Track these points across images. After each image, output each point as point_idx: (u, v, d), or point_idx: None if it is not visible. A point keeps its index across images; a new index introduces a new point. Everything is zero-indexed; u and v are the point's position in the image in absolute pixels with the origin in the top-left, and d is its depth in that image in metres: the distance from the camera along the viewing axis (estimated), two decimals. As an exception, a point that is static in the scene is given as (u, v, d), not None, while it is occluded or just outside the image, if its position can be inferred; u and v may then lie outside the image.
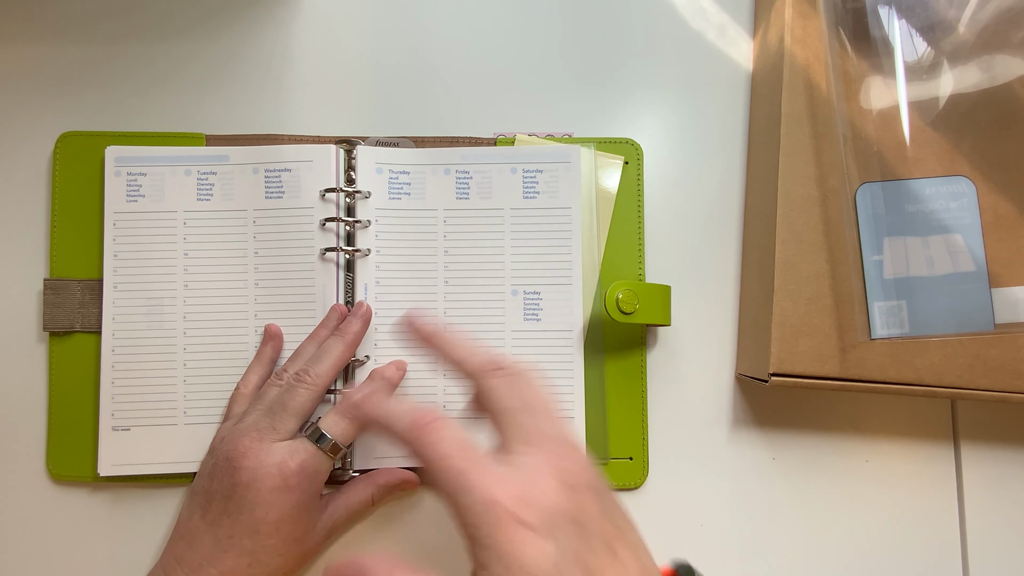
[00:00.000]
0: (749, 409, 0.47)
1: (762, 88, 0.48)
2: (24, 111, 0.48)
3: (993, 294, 0.41)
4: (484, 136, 0.49)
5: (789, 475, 0.47)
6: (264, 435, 0.40)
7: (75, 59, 0.49)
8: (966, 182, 0.42)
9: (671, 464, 0.47)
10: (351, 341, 0.43)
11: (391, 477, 0.44)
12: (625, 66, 0.50)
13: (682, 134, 0.49)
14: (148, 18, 0.50)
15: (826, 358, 0.42)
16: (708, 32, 0.50)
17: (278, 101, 0.49)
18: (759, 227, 0.46)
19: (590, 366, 0.46)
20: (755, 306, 0.45)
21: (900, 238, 0.41)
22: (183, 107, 0.49)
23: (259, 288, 0.46)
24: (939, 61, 0.42)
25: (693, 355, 0.48)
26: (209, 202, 0.46)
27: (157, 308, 0.46)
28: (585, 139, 0.48)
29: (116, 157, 0.46)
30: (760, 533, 0.46)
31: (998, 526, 0.46)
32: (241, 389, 0.44)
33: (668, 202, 0.49)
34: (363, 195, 0.46)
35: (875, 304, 0.41)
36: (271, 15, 0.50)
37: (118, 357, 0.45)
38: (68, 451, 0.45)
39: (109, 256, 0.46)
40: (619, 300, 0.44)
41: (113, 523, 0.46)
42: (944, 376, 0.41)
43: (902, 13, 0.42)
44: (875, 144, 0.42)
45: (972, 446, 0.47)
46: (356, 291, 0.46)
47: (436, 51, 0.50)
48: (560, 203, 0.47)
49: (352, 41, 0.50)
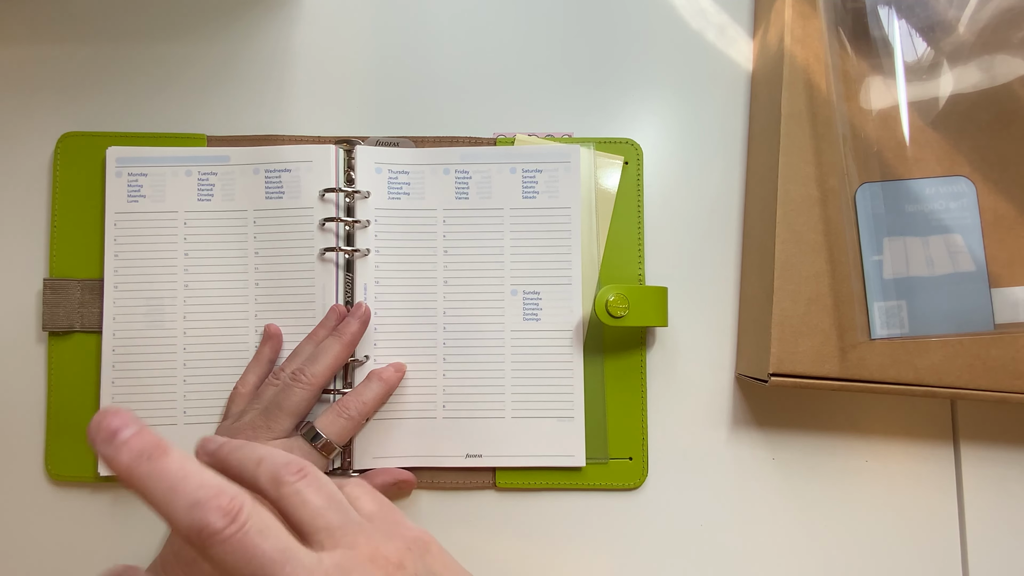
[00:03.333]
0: (749, 409, 0.47)
1: (762, 88, 0.48)
2: (25, 111, 0.48)
3: (993, 294, 0.41)
4: (484, 136, 0.49)
5: (789, 475, 0.47)
6: (259, 433, 0.40)
7: (76, 60, 0.49)
8: (966, 182, 0.42)
9: (671, 464, 0.47)
10: (348, 341, 0.44)
11: (388, 477, 0.44)
12: (625, 66, 0.50)
13: (682, 134, 0.49)
14: (149, 19, 0.50)
15: (826, 358, 0.41)
16: (708, 32, 0.50)
17: (278, 101, 0.49)
18: (759, 227, 0.46)
19: (590, 366, 0.46)
20: (755, 306, 0.45)
21: (900, 238, 0.41)
22: (184, 108, 0.49)
23: (259, 288, 0.46)
24: (939, 61, 0.42)
25: (693, 355, 0.48)
26: (210, 202, 0.47)
27: (157, 308, 0.46)
28: (585, 139, 0.48)
29: (117, 158, 0.47)
30: (760, 533, 0.46)
31: (998, 526, 0.46)
32: (239, 389, 0.44)
33: (668, 202, 0.49)
34: (362, 195, 0.46)
35: (875, 304, 0.41)
36: (271, 15, 0.50)
37: (118, 357, 0.45)
38: (67, 451, 0.45)
39: (110, 256, 0.46)
40: (609, 303, 0.44)
41: (113, 523, 0.46)
42: (944, 376, 0.41)
43: (902, 13, 0.42)
44: (875, 144, 0.42)
45: (972, 446, 0.47)
46: (355, 291, 0.46)
47: (436, 51, 0.50)
48: (560, 203, 0.47)
49: (352, 41, 0.50)
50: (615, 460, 0.46)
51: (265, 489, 0.27)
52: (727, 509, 0.46)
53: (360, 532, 0.27)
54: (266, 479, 0.27)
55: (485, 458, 0.45)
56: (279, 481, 0.27)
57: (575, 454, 0.45)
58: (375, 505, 0.30)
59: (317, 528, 0.27)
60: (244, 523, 0.24)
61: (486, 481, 0.46)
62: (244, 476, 0.28)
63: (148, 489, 0.24)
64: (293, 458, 0.28)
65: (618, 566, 0.46)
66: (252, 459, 0.28)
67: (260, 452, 0.28)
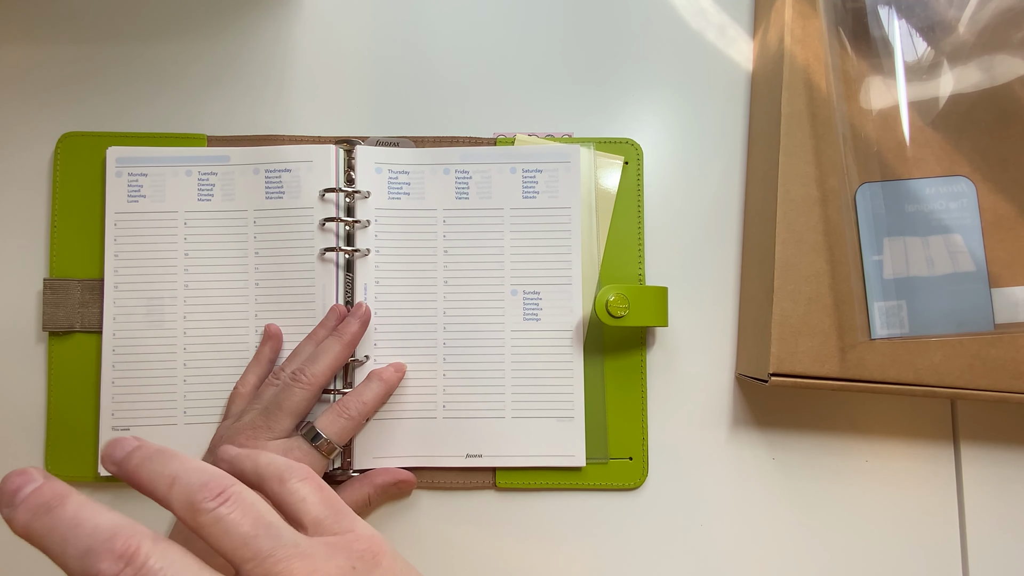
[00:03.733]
0: (749, 409, 0.47)
1: (762, 88, 0.48)
2: (25, 111, 0.48)
3: (993, 294, 0.41)
4: (484, 136, 0.49)
5: (789, 475, 0.47)
6: (259, 433, 0.40)
7: (76, 59, 0.49)
8: (966, 182, 0.42)
9: (671, 464, 0.47)
10: (349, 341, 0.44)
11: (387, 477, 0.44)
12: (625, 66, 0.50)
13: (682, 134, 0.49)
14: (149, 19, 0.50)
15: (826, 358, 0.41)
16: (708, 32, 0.50)
17: (278, 101, 0.49)
18: (759, 227, 0.46)
19: (590, 366, 0.46)
20: (755, 306, 0.45)
21: (900, 238, 0.41)
22: (184, 108, 0.49)
23: (259, 288, 0.46)
24: (939, 61, 0.42)
25: (693, 355, 0.48)
26: (210, 202, 0.47)
27: (157, 308, 0.46)
28: (585, 139, 0.48)
29: (117, 158, 0.47)
30: (760, 533, 0.46)
31: (998, 526, 0.46)
32: (239, 389, 0.44)
33: (668, 202, 0.49)
34: (362, 195, 0.46)
35: (875, 304, 0.41)
36: (271, 15, 0.50)
37: (118, 357, 0.45)
38: (67, 451, 0.45)
39: (110, 256, 0.46)
40: (609, 303, 0.44)
41: (113, 523, 0.46)
42: (944, 376, 0.41)
43: (902, 13, 0.42)
44: (875, 144, 0.42)
45: (972, 446, 0.47)
46: (355, 291, 0.46)
47: (436, 51, 0.50)
48: (559, 203, 0.47)
49: (352, 41, 0.50)
50: (615, 460, 0.46)
51: (181, 517, 0.24)
52: (727, 509, 0.46)
53: (295, 556, 0.24)
54: (180, 505, 0.24)
55: (485, 458, 0.45)
56: (195, 508, 0.24)
57: (575, 454, 0.45)
58: (322, 507, 0.27)
59: (244, 559, 0.23)
60: (143, 564, 0.21)
61: (486, 481, 0.46)
62: (158, 498, 0.24)
63: (45, 545, 0.22)
64: (213, 476, 0.24)
65: (618, 566, 0.46)
66: (164, 478, 0.24)
67: (173, 468, 0.24)
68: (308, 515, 0.26)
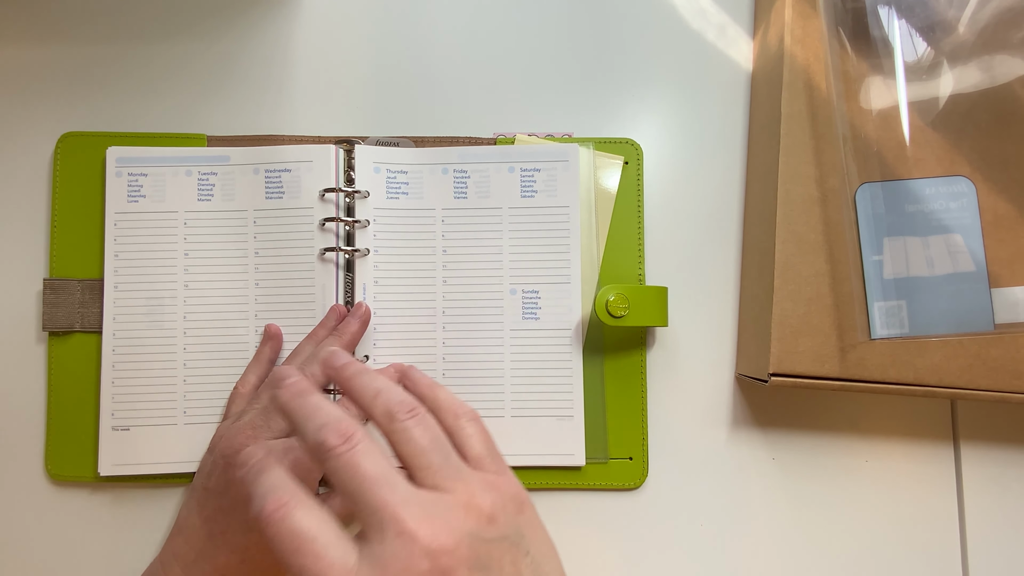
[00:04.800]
0: (749, 409, 0.47)
1: (762, 88, 0.48)
2: (25, 111, 0.48)
3: (993, 294, 0.41)
4: (484, 136, 0.49)
5: (789, 475, 0.47)
6: (259, 433, 0.40)
7: (76, 59, 0.49)
8: (966, 182, 0.42)
9: (671, 464, 0.47)
10: (348, 341, 0.44)
11: None
12: (625, 66, 0.50)
13: (682, 134, 0.49)
14: (149, 18, 0.50)
15: (826, 358, 0.41)
16: (708, 32, 0.50)
17: (278, 101, 0.49)
18: (759, 227, 0.46)
19: (589, 365, 0.46)
20: (755, 306, 0.45)
21: (900, 238, 0.41)
22: (184, 108, 0.49)
23: (259, 288, 0.46)
24: (939, 61, 0.42)
25: (693, 355, 0.48)
26: (210, 202, 0.47)
27: (157, 308, 0.46)
28: (585, 139, 0.48)
29: (117, 158, 0.47)
30: (760, 533, 0.46)
31: (998, 526, 0.46)
32: (239, 389, 0.44)
33: (668, 202, 0.49)
34: (362, 195, 0.46)
35: (875, 304, 0.41)
36: (271, 15, 0.50)
37: (118, 357, 0.45)
38: (67, 451, 0.45)
39: (110, 256, 0.46)
40: (609, 303, 0.44)
41: (113, 523, 0.46)
42: (944, 376, 0.41)
43: (902, 13, 0.42)
44: (875, 144, 0.42)
45: (972, 446, 0.47)
46: (355, 291, 0.46)
47: (436, 51, 0.50)
48: (558, 202, 0.47)
49: (352, 41, 0.50)
50: (615, 460, 0.46)
51: (378, 421, 0.30)
52: (727, 509, 0.46)
53: (458, 478, 0.28)
54: (380, 412, 0.30)
55: (485, 458, 0.45)
56: (391, 417, 0.29)
57: (575, 453, 0.45)
58: (484, 448, 0.31)
59: (419, 466, 0.28)
60: (354, 445, 0.28)
61: (486, 481, 0.46)
62: (362, 404, 0.30)
63: (294, 417, 0.29)
64: (408, 397, 0.30)
65: (618, 566, 0.46)
66: (371, 390, 0.30)
67: (379, 384, 0.30)
68: (472, 450, 0.31)
